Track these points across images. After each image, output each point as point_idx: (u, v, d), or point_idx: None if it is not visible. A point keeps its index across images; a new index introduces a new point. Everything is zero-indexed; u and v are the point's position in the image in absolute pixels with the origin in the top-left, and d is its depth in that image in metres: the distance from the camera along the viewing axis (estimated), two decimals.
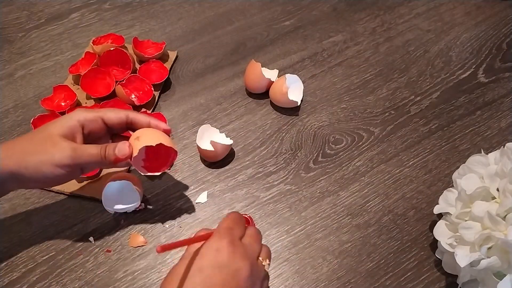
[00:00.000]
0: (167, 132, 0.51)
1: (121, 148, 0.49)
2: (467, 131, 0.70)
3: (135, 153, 0.49)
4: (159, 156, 0.53)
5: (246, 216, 0.56)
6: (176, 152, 0.52)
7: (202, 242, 0.42)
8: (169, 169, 0.56)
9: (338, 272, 0.57)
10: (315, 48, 0.81)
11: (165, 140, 0.50)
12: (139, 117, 0.50)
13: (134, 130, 0.53)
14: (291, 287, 0.56)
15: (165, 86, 0.75)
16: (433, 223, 0.56)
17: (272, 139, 0.69)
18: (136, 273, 0.57)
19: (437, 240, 0.53)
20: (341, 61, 0.79)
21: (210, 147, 0.63)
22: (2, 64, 0.79)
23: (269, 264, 0.45)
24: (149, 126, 0.50)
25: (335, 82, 0.76)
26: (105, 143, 0.52)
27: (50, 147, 0.48)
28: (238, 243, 0.42)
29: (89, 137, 0.52)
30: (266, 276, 0.46)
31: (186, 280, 0.40)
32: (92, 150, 0.49)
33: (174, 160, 0.53)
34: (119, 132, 0.55)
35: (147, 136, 0.50)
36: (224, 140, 0.67)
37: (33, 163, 0.47)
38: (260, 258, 0.44)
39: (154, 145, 0.49)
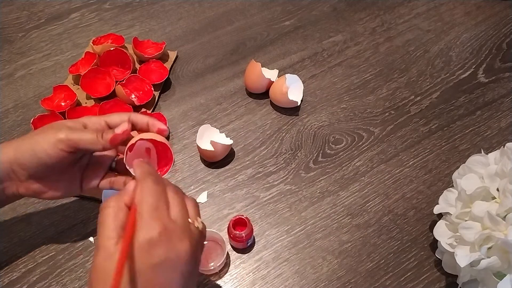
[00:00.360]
0: (162, 132, 0.50)
1: (120, 126, 0.48)
2: (467, 131, 0.70)
3: (133, 141, 0.49)
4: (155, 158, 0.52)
5: (243, 217, 0.56)
6: (172, 157, 0.50)
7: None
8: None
9: (338, 272, 0.57)
10: (315, 48, 0.81)
11: (168, 145, 0.50)
12: (138, 117, 0.50)
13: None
14: (291, 287, 0.56)
15: (165, 86, 0.75)
16: (433, 223, 0.56)
17: (272, 139, 0.69)
18: None
19: (437, 240, 0.53)
20: (341, 61, 0.79)
21: (210, 147, 0.63)
22: (2, 64, 0.79)
23: (201, 222, 0.42)
24: (147, 125, 0.50)
25: (335, 82, 0.76)
26: None
27: (47, 129, 0.48)
28: (170, 225, 0.38)
29: None
30: (202, 235, 0.42)
31: (124, 285, 0.36)
32: (88, 132, 0.48)
33: (169, 167, 0.51)
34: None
35: (144, 136, 0.50)
36: (224, 140, 0.67)
37: (28, 143, 0.47)
38: (190, 220, 0.41)
39: (147, 138, 0.48)
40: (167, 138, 0.66)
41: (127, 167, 0.48)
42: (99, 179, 0.52)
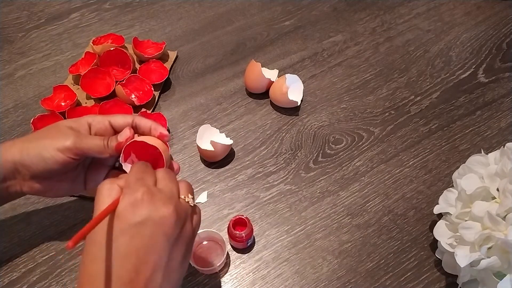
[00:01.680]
0: (162, 137, 0.50)
1: (122, 133, 0.49)
2: (467, 131, 0.70)
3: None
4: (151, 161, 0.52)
5: (243, 217, 0.56)
6: (163, 164, 0.50)
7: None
8: None
9: (338, 272, 0.57)
10: (315, 48, 0.81)
11: (165, 149, 0.49)
12: (141, 121, 0.50)
13: (138, 134, 0.53)
14: (291, 287, 0.56)
15: (165, 86, 0.75)
16: (433, 223, 0.56)
17: (272, 139, 0.69)
18: None
19: (437, 240, 0.53)
20: (341, 61, 0.79)
21: (210, 147, 0.63)
22: (2, 64, 0.79)
23: (193, 199, 0.43)
24: (150, 129, 0.50)
25: (335, 82, 0.76)
26: None
27: (55, 133, 0.48)
28: (154, 189, 0.40)
29: None
30: (194, 211, 0.43)
31: (110, 247, 0.37)
32: (96, 138, 0.49)
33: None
34: None
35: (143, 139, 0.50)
36: (224, 140, 0.67)
37: (35, 147, 0.47)
38: (182, 196, 0.42)
39: (144, 141, 0.48)
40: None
41: (123, 167, 0.49)
42: (103, 177, 0.53)
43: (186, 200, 0.42)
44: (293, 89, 0.71)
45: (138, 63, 0.76)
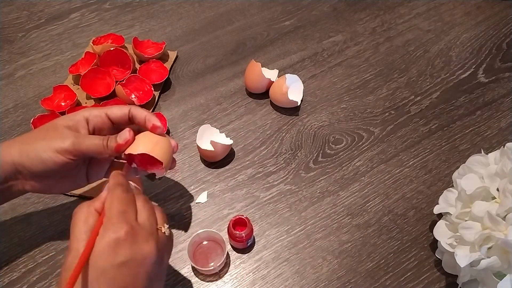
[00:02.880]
0: (154, 129, 0.50)
1: (121, 134, 0.49)
2: (467, 131, 0.70)
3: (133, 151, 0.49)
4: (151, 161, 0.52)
5: (243, 217, 0.56)
6: (161, 164, 0.50)
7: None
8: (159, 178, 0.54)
9: (338, 272, 0.57)
10: (315, 48, 0.81)
11: (161, 146, 0.49)
12: (137, 111, 0.50)
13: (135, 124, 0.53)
14: (291, 287, 0.56)
15: (165, 86, 0.75)
16: (433, 223, 0.56)
17: (272, 139, 0.69)
18: None
19: (437, 240, 0.53)
20: (341, 61, 0.79)
21: (210, 147, 0.63)
22: (2, 64, 0.79)
23: (168, 228, 0.43)
24: (144, 120, 0.50)
25: (335, 82, 0.76)
26: None
27: (53, 134, 0.48)
28: (137, 227, 0.39)
29: (94, 133, 0.52)
30: (169, 240, 0.44)
31: (89, 285, 0.37)
32: (95, 139, 0.49)
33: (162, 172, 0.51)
34: (123, 127, 0.55)
35: (140, 140, 0.49)
36: (224, 140, 0.67)
37: (34, 149, 0.47)
38: (159, 226, 0.42)
39: (135, 153, 0.48)
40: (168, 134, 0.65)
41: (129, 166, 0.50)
42: (105, 170, 0.53)
43: (163, 231, 0.43)
44: (293, 89, 0.71)
45: (138, 63, 0.76)
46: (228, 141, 0.66)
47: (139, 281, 0.38)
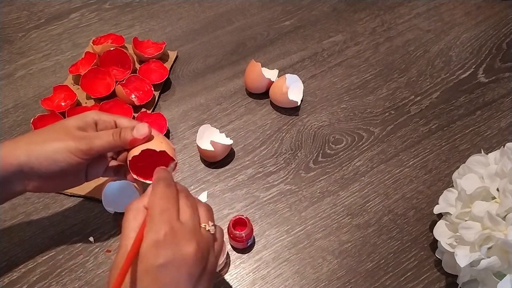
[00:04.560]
0: (134, 143, 0.49)
1: (139, 128, 0.48)
2: (467, 131, 0.70)
3: (136, 152, 0.48)
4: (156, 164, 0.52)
5: (243, 217, 0.56)
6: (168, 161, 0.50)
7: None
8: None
9: (338, 272, 0.57)
10: (315, 48, 0.81)
11: (168, 146, 0.49)
12: (142, 127, 0.50)
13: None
14: (291, 287, 0.56)
15: (165, 86, 0.75)
16: (433, 223, 0.56)
17: (272, 139, 0.69)
18: None
19: (437, 240, 0.53)
20: (341, 61, 0.79)
21: (210, 147, 0.63)
22: (2, 64, 0.79)
23: (213, 225, 0.42)
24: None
25: (335, 82, 0.76)
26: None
27: (65, 135, 0.48)
28: (177, 226, 0.39)
29: None
30: (215, 238, 0.43)
31: (135, 284, 0.37)
32: (106, 136, 0.48)
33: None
34: None
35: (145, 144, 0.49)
36: (224, 140, 0.67)
37: (45, 151, 0.47)
38: (203, 224, 0.41)
39: (150, 148, 0.48)
40: (167, 136, 0.65)
41: (133, 177, 0.49)
42: (103, 169, 0.53)
43: (207, 229, 0.41)
44: (293, 89, 0.71)
45: (138, 63, 0.76)
46: (228, 141, 0.66)
47: (180, 282, 0.38)
